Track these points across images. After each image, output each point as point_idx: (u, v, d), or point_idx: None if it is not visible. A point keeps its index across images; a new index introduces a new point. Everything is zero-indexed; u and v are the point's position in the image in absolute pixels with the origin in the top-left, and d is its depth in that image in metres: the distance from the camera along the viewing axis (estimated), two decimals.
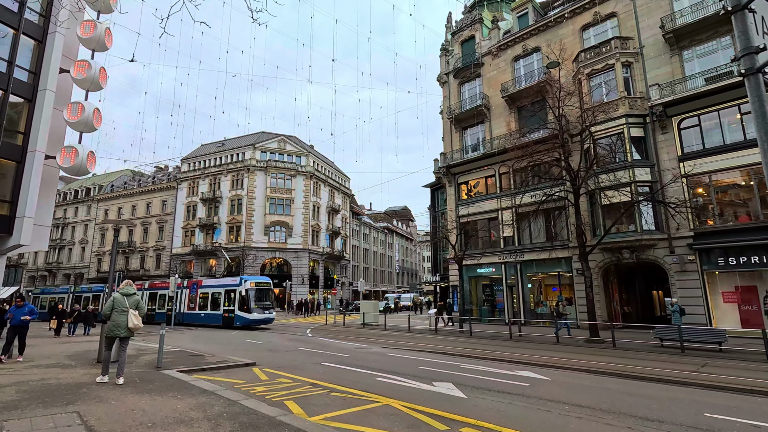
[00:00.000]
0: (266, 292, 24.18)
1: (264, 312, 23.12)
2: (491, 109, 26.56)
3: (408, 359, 11.22)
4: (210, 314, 24.58)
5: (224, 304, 23.79)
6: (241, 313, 22.56)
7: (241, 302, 22.72)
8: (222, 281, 25.60)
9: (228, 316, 23.21)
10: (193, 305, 26.12)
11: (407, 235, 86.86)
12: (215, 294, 24.73)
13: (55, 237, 56.71)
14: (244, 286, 23.02)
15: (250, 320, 22.48)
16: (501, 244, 24.71)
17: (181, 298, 26.95)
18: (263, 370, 8.91)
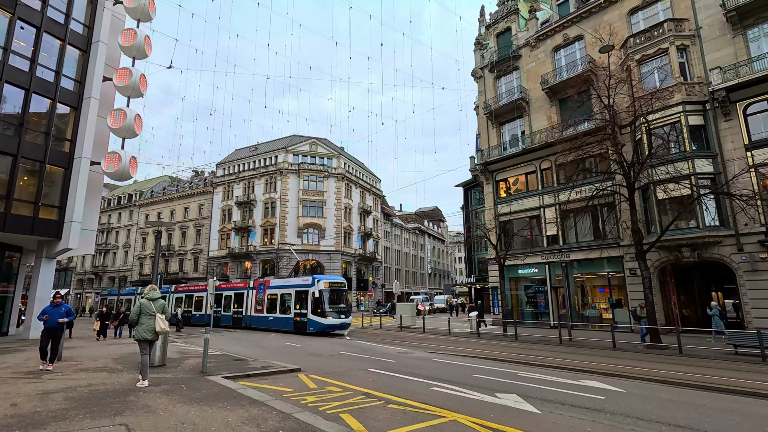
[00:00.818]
0: (341, 294, 21.47)
1: (340, 316, 20.39)
2: (530, 102, 25.42)
3: (459, 366, 10.54)
4: (279, 318, 22.33)
5: (295, 306, 21.42)
6: (315, 318, 20.06)
7: (315, 305, 20.22)
8: (292, 281, 22.93)
9: (300, 321, 20.90)
10: (260, 308, 23.92)
11: (438, 236, 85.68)
12: (284, 295, 22.40)
13: (101, 241, 59.26)
14: (317, 287, 20.34)
15: (325, 326, 19.86)
16: (544, 244, 23.52)
17: (247, 300, 25.06)
18: (309, 376, 8.48)
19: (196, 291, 30.21)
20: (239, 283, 27.25)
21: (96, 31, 20.20)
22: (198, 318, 28.91)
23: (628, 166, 16.18)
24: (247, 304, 24.91)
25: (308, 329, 20.21)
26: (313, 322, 20.16)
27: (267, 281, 24.43)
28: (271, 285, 23.81)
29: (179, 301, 31.03)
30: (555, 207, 23.19)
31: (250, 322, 24.33)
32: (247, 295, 25.19)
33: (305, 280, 21.72)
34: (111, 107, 20.39)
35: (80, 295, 59.67)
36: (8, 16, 17.40)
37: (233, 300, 26.33)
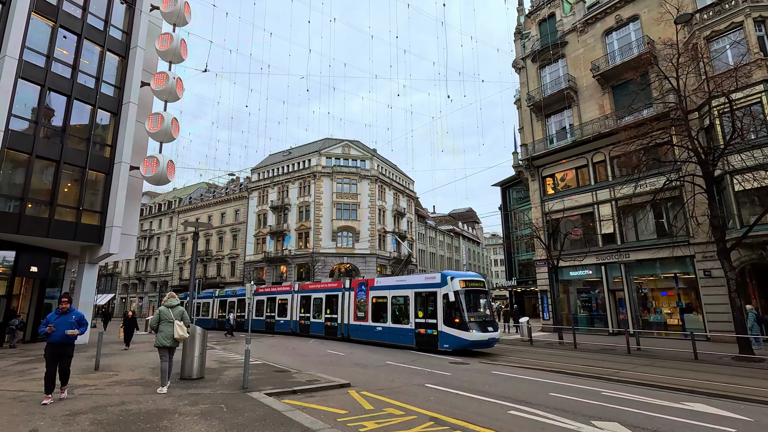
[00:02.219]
0: (482, 297, 15.75)
1: (487, 329, 14.43)
2: (579, 91, 23.63)
3: (526, 381, 9.25)
4: (392, 330, 17.02)
5: (416, 314, 16.04)
6: (451, 330, 14.34)
7: (449, 312, 14.56)
8: (408, 279, 17.52)
9: (425, 334, 15.36)
10: (362, 314, 18.84)
11: (474, 238, 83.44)
12: (398, 299, 17.23)
13: (143, 247, 61.19)
14: (452, 287, 14.67)
15: (467, 342, 13.97)
16: (599, 243, 21.63)
17: (342, 305, 20.23)
18: (361, 393, 7.47)
19: (279, 293, 26.31)
20: (330, 282, 22.58)
21: (134, 36, 20.28)
22: (283, 325, 24.99)
23: (705, 153, 14.33)
24: (344, 310, 20.10)
25: (440, 346, 14.59)
26: (448, 336, 14.34)
27: (370, 280, 19.32)
28: (376, 285, 18.66)
29: (261, 304, 27.53)
30: (611, 203, 21.31)
31: (348, 332, 19.50)
32: (342, 298, 20.37)
33: (430, 278, 16.22)
34: (149, 112, 20.38)
35: (125, 300, 61.76)
36: (51, 24, 17.61)
37: (324, 304, 21.73)
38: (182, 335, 7.48)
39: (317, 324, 21.91)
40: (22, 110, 16.32)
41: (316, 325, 22.03)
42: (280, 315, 25.38)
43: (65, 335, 6.68)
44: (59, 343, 6.67)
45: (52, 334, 6.60)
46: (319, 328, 21.70)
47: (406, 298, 16.82)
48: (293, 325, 23.75)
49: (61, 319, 6.74)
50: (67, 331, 6.68)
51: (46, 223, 16.48)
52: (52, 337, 6.60)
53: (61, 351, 6.73)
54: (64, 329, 6.67)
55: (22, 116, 16.33)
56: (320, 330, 21.57)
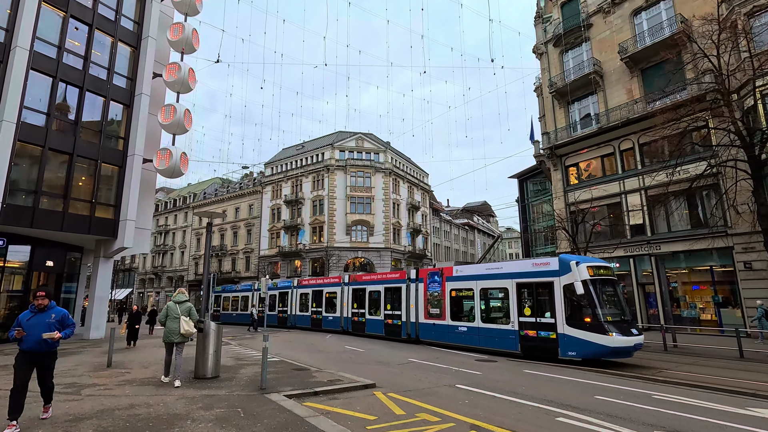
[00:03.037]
0: (615, 289, 12.13)
1: (631, 331, 10.79)
2: (605, 75, 22.51)
3: (565, 381, 8.54)
4: (485, 331, 13.38)
5: (521, 311, 12.36)
6: (579, 333, 10.75)
7: (575, 309, 11.05)
8: (507, 266, 13.66)
9: (538, 337, 11.74)
10: (436, 311, 15.30)
11: (489, 232, 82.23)
12: (493, 292, 13.64)
13: (159, 242, 61.69)
14: (578, 275, 11.02)
15: (608, 348, 10.37)
16: (627, 234, 20.62)
17: (408, 299, 16.92)
18: (388, 395, 6.87)
19: (326, 286, 23.14)
20: (390, 273, 19.45)
21: (145, 26, 19.89)
22: (332, 322, 21.83)
23: (749, 136, 13.29)
24: (409, 306, 16.73)
25: (563, 353, 11.08)
26: (576, 341, 10.78)
27: (446, 269, 15.40)
28: (456, 275, 14.86)
29: (305, 298, 24.56)
30: (640, 192, 20.26)
31: (417, 332, 16.15)
32: (407, 291, 17.07)
33: (540, 263, 12.32)
34: (161, 104, 20.02)
35: (142, 294, 62.47)
36: (61, 15, 17.28)
37: (383, 299, 18.39)
38: (188, 330, 7.42)
39: (375, 322, 18.64)
40: (34, 102, 16.06)
41: (373, 323, 18.72)
42: (329, 310, 22.31)
43: (42, 341, 4.94)
44: (35, 352, 4.97)
45: (23, 339, 4.93)
46: (377, 326, 18.37)
47: (503, 291, 13.16)
48: (345, 323, 20.67)
49: (36, 320, 5.04)
50: (44, 335, 4.92)
51: (60, 216, 16.25)
52: (24, 343, 4.95)
53: (38, 361, 5.04)
54: (39, 332, 4.94)
55: (35, 108, 16.06)
56: (378, 329, 18.28)
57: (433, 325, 15.38)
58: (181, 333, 7.42)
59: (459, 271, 15.03)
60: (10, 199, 14.93)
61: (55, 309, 5.27)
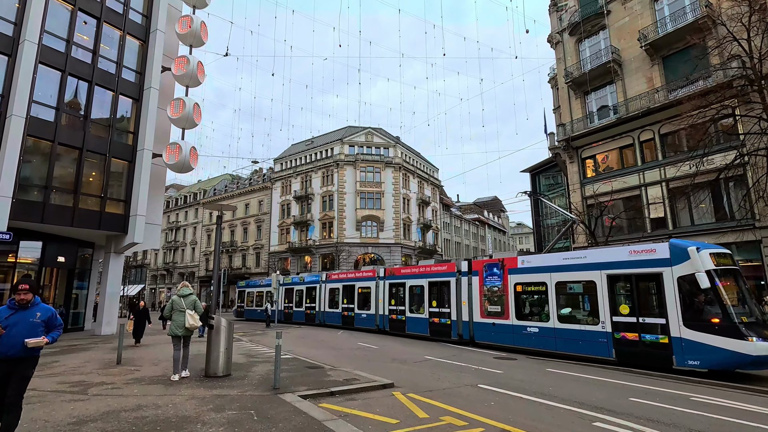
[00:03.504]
0: (738, 279, 9.80)
1: None
2: (624, 64, 21.74)
3: (594, 381, 8.09)
4: (564, 333, 11.32)
5: (614, 309, 10.37)
6: (705, 337, 8.77)
7: (697, 307, 9.15)
8: (592, 255, 11.28)
9: (642, 341, 9.77)
10: (496, 309, 13.23)
11: (499, 227, 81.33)
12: (572, 286, 11.60)
13: (170, 239, 62.05)
14: (700, 264, 9.08)
15: (748, 357, 8.29)
16: (647, 228, 19.94)
17: (460, 295, 14.71)
18: (408, 396, 6.49)
19: (359, 280, 21.16)
20: (436, 266, 16.68)
21: (154, 20, 19.66)
22: (366, 320, 19.93)
23: None
24: (460, 302, 14.64)
25: (681, 361, 8.99)
26: (702, 347, 8.72)
27: (509, 260, 13.23)
28: (522, 266, 12.77)
29: (334, 294, 22.89)
30: (661, 184, 19.56)
31: (471, 332, 14.00)
32: (456, 286, 14.99)
33: (642, 251, 10.21)
34: (170, 98, 19.82)
35: (154, 290, 62.98)
36: (69, 8, 17.10)
37: (427, 294, 16.31)
38: (193, 324, 7.43)
39: (417, 321, 16.60)
40: (43, 97, 15.91)
41: (415, 322, 16.70)
42: (362, 307, 20.35)
43: (23, 346, 3.91)
44: (10, 358, 3.88)
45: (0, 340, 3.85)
46: (420, 325, 16.37)
47: (589, 285, 10.90)
48: (381, 321, 18.77)
49: (17, 318, 4.01)
50: (27, 342, 3.90)
51: (70, 212, 16.14)
52: None
53: (13, 369, 3.91)
54: (20, 333, 3.92)
55: (44, 103, 15.92)
56: (421, 328, 16.26)
57: (493, 325, 13.26)
58: (185, 326, 7.43)
59: (526, 262, 12.84)
60: (21, 194, 14.84)
61: (41, 306, 4.23)
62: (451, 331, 14.98)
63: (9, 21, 15.53)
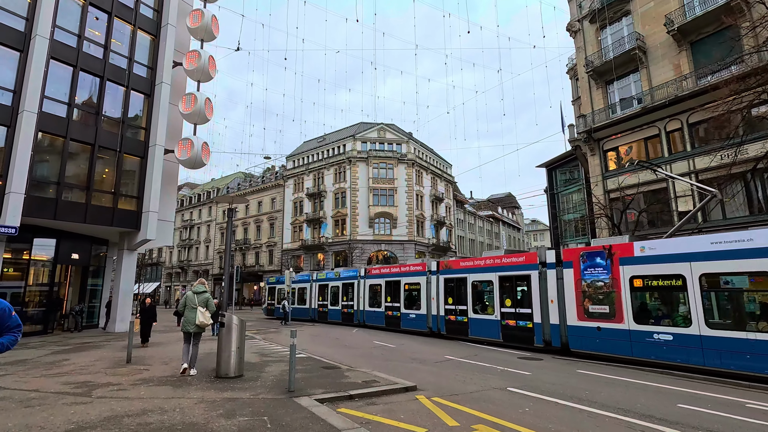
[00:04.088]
0: None
1: None
2: (648, 51, 20.79)
3: (634, 385, 7.48)
4: (719, 342, 8.62)
5: None
6: None
7: None
8: (754, 238, 8.48)
9: None
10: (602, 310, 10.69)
11: (514, 224, 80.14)
12: (733, 278, 9.01)
13: (185, 237, 62.51)
14: None
15: None
16: (675, 222, 19.02)
17: (545, 292, 12.25)
18: (433, 399, 5.98)
19: (405, 275, 18.42)
20: (509, 257, 13.82)
21: (164, 14, 19.44)
22: (413, 321, 17.34)
23: None
24: (547, 301, 12.11)
25: None
26: None
27: (621, 246, 10.68)
28: (641, 255, 10.18)
29: (376, 291, 20.30)
30: (690, 176, 18.60)
31: (565, 338, 11.55)
32: (541, 281, 12.34)
33: None
34: (181, 94, 19.57)
35: (169, 288, 63.55)
36: (81, 2, 16.94)
37: (497, 291, 13.63)
38: (203, 322, 7.43)
39: (484, 323, 13.82)
40: (54, 92, 15.78)
41: (482, 325, 13.93)
42: (410, 306, 17.82)
43: None
44: None
45: None
46: (489, 328, 13.56)
47: (760, 278, 8.41)
48: (435, 322, 16.12)
49: None
50: None
51: (83, 208, 16.00)
52: None
53: None
54: None
55: (56, 98, 15.78)
56: (491, 332, 13.48)
57: (598, 330, 10.56)
58: (196, 323, 7.43)
59: (649, 249, 10.03)
60: (33, 190, 14.72)
61: None
62: (533, 337, 12.21)
63: (20, 16, 15.41)
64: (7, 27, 14.97)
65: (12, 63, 15.04)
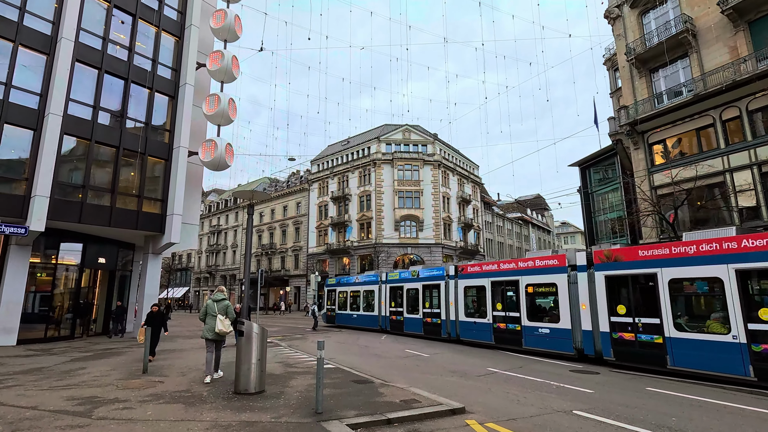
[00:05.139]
0: None
1: None
2: (699, 34, 19.10)
3: (722, 408, 6.22)
4: None
5: None
6: None
7: None
8: None
9: None
10: None
11: (543, 226, 77.56)
12: None
13: (213, 242, 63.30)
14: None
15: None
16: (735, 219, 17.23)
17: None
18: (487, 426, 4.99)
19: (528, 273, 13.01)
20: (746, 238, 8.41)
21: (188, 15, 19.25)
22: (547, 339, 12.02)
23: None
24: None
25: None
26: None
27: None
28: None
29: (475, 294, 15.03)
30: (752, 168, 16.84)
31: None
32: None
33: None
34: (205, 95, 19.28)
35: (198, 293, 64.42)
36: (105, 5, 16.86)
37: (736, 293, 8.19)
38: (222, 329, 7.38)
39: (695, 345, 8.71)
40: (79, 95, 15.66)
41: (689, 348, 8.78)
42: (536, 317, 12.50)
43: None
44: None
45: None
46: (707, 355, 8.49)
47: None
48: (586, 341, 10.91)
49: None
50: None
51: (107, 211, 15.78)
52: None
53: None
54: None
55: (81, 101, 15.66)
56: (718, 361, 8.32)
57: None
58: (215, 331, 7.40)
59: None
60: (58, 193, 14.54)
61: None
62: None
63: (47, 20, 15.39)
64: (34, 30, 14.97)
65: (39, 66, 15.00)
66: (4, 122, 13.97)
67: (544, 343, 12.07)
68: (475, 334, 14.59)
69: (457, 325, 15.51)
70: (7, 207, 13.66)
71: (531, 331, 12.52)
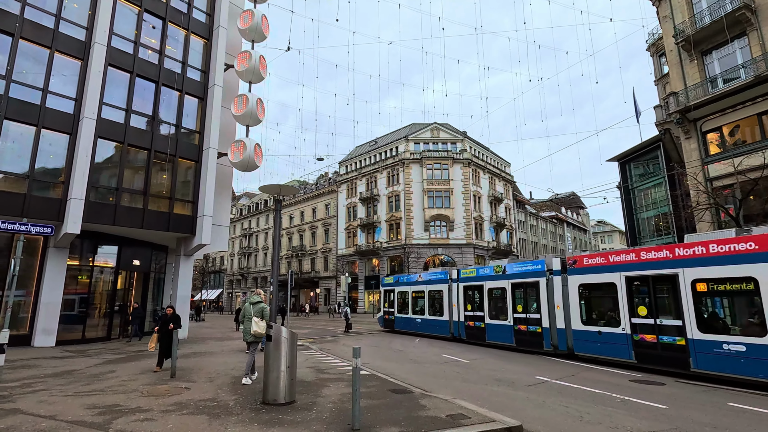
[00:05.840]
0: None
1: None
2: (758, 10, 17.41)
3: None
4: None
5: None
6: None
7: None
8: None
9: None
10: None
11: (579, 225, 74.54)
12: None
13: (245, 245, 64.37)
14: None
15: None
16: None
17: None
18: None
19: (654, 265, 10.26)
20: None
21: (216, 17, 19.28)
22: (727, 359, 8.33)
23: None
24: None
25: None
26: None
27: None
28: None
29: (594, 294, 11.79)
30: None
31: None
32: None
33: None
34: (233, 97, 19.24)
35: (231, 294, 65.66)
36: (136, 10, 17.05)
37: None
38: (257, 331, 7.49)
39: None
40: (112, 98, 15.85)
41: None
42: (711, 327, 8.96)
43: None
44: None
45: None
46: None
47: None
48: None
49: None
50: None
51: (140, 213, 15.87)
52: None
53: None
54: None
55: (113, 104, 15.84)
56: None
57: None
58: (251, 333, 7.53)
59: None
60: (93, 196, 14.71)
61: None
62: None
63: (81, 26, 15.66)
64: (69, 37, 15.24)
65: (74, 72, 15.26)
66: (42, 127, 14.26)
67: (737, 368, 8.14)
68: (601, 348, 10.91)
69: (568, 336, 11.93)
70: (44, 210, 13.90)
71: (707, 347, 8.74)
